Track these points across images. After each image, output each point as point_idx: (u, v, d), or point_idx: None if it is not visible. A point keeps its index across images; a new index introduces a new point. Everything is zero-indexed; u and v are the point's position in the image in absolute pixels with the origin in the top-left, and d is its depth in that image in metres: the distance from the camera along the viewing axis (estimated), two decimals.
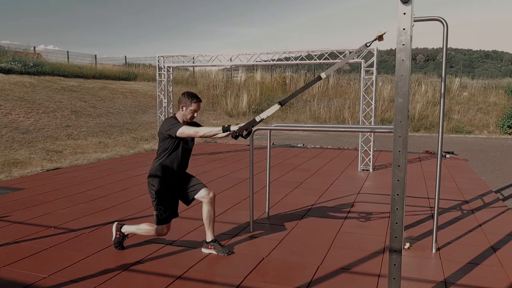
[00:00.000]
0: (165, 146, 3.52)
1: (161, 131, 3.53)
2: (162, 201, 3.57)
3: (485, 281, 3.22)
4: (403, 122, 2.24)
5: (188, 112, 3.54)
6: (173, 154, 3.54)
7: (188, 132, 3.42)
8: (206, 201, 3.65)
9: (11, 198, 5.65)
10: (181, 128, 3.41)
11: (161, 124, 3.59)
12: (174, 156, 3.54)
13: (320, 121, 19.24)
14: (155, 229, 3.62)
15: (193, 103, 3.52)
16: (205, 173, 7.53)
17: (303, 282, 3.18)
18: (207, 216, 3.70)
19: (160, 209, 3.57)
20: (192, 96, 3.54)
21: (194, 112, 3.55)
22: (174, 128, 3.43)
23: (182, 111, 3.55)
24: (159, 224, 3.60)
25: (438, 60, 59.06)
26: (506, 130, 16.92)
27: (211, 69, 23.62)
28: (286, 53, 9.06)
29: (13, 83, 13.97)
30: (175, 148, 3.52)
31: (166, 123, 3.52)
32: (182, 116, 3.56)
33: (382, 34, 2.63)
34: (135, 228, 3.74)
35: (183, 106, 3.54)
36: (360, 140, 8.37)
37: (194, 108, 3.53)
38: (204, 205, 3.68)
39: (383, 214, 5.07)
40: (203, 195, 3.64)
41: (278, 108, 3.20)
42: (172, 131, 3.43)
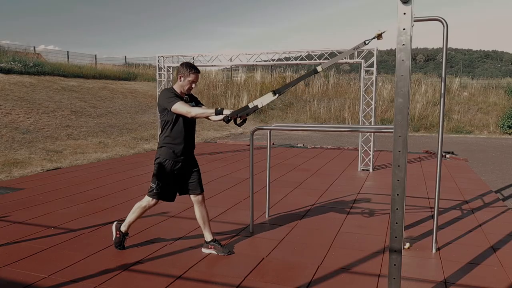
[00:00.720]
0: (166, 119, 3.52)
1: (159, 103, 3.54)
2: (161, 177, 3.57)
3: (485, 281, 3.22)
4: (403, 122, 2.23)
5: (186, 83, 3.51)
6: (176, 126, 3.53)
7: (180, 110, 3.40)
8: (195, 203, 3.70)
9: (11, 198, 5.65)
10: (175, 104, 3.39)
11: (159, 94, 3.58)
12: (177, 128, 3.53)
13: (320, 121, 19.24)
14: (146, 200, 3.64)
15: (192, 74, 3.49)
16: (205, 173, 7.52)
17: (303, 282, 3.18)
18: (200, 216, 3.73)
19: (157, 183, 3.58)
20: (191, 67, 3.52)
21: (192, 83, 3.52)
22: (170, 102, 3.42)
23: (180, 82, 3.53)
24: (151, 197, 3.61)
25: (438, 60, 59.06)
26: (506, 130, 16.92)
27: (211, 69, 23.63)
28: (286, 53, 9.06)
29: (13, 83, 13.97)
30: (176, 119, 3.51)
31: (163, 95, 3.50)
32: (179, 87, 3.54)
33: (381, 33, 2.64)
34: (128, 216, 3.75)
35: (181, 76, 3.51)
36: (360, 140, 8.36)
37: (192, 79, 3.51)
38: (195, 207, 3.72)
39: (383, 214, 5.07)
40: (192, 197, 3.69)
41: (273, 97, 3.19)
42: (168, 105, 3.43)
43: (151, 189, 3.62)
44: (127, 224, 3.77)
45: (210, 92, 21.70)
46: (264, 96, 3.21)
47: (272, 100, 3.24)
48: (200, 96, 21.09)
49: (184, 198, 3.97)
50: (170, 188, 3.64)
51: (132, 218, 3.75)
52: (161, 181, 3.58)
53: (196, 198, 3.69)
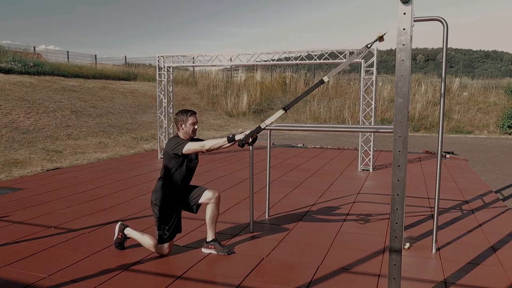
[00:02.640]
0: (170, 166, 3.53)
1: (166, 151, 3.54)
2: (165, 221, 3.58)
3: (485, 281, 3.22)
4: (403, 122, 2.23)
5: (188, 127, 3.56)
6: (177, 173, 3.56)
7: (194, 147, 3.44)
8: (212, 201, 3.67)
9: (11, 198, 5.65)
10: (187, 145, 3.43)
11: (166, 144, 3.60)
12: (178, 175, 3.57)
13: (320, 121, 19.24)
14: (157, 247, 3.62)
15: (190, 117, 3.56)
16: (205, 173, 7.53)
17: (303, 282, 3.18)
18: (211, 216, 3.71)
19: (163, 228, 3.58)
20: (186, 111, 3.60)
21: (193, 125, 3.57)
22: (180, 146, 3.44)
23: (182, 129, 3.57)
24: (161, 243, 3.61)
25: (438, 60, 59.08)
26: (506, 130, 16.92)
27: (211, 69, 23.62)
28: (286, 53, 9.05)
29: (13, 83, 13.97)
30: (179, 167, 3.55)
31: (171, 142, 3.52)
32: (184, 134, 3.58)
33: (382, 35, 2.63)
34: (138, 236, 3.72)
35: (182, 124, 3.56)
36: (360, 140, 8.37)
37: (192, 121, 3.56)
38: (209, 205, 3.69)
39: (383, 214, 5.07)
40: (209, 196, 3.66)
41: (282, 113, 3.20)
42: (178, 149, 3.44)
43: (160, 237, 3.59)
44: (131, 236, 3.77)
45: (210, 92, 21.69)
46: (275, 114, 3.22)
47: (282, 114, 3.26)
48: (200, 96, 21.16)
49: None
50: (177, 223, 3.66)
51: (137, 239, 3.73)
52: (166, 224, 3.58)
53: (213, 198, 3.66)
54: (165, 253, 3.65)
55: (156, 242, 3.62)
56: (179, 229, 3.72)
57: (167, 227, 3.58)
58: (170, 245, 3.64)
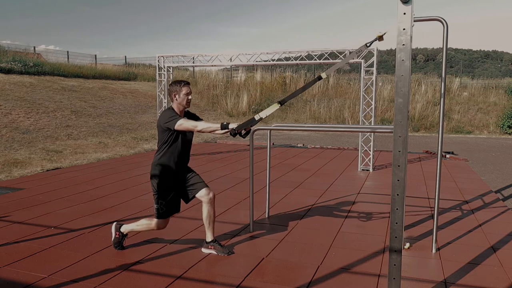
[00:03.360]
0: (165, 139, 3.52)
1: (159, 124, 3.53)
2: (163, 196, 3.57)
3: (485, 281, 3.22)
4: (403, 122, 2.23)
5: (182, 98, 3.52)
6: (173, 146, 3.54)
7: (186, 125, 3.41)
8: (206, 201, 3.65)
9: (11, 198, 5.65)
10: (179, 121, 3.41)
11: (159, 117, 3.58)
12: (174, 148, 3.54)
13: (320, 121, 19.24)
14: (155, 222, 3.63)
15: (183, 87, 3.53)
16: (205, 173, 7.53)
17: (303, 282, 3.18)
18: (207, 216, 3.70)
19: (161, 203, 3.57)
20: (180, 82, 3.56)
21: (187, 95, 3.53)
22: (173, 121, 3.42)
23: (176, 100, 3.54)
24: (158, 218, 3.61)
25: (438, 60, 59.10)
26: (506, 130, 16.92)
27: (211, 69, 23.62)
28: (286, 53, 9.05)
29: (13, 83, 13.97)
30: (174, 140, 3.52)
31: (164, 115, 3.50)
32: (178, 105, 3.55)
33: (382, 35, 2.63)
34: (134, 225, 3.74)
35: (175, 94, 3.53)
36: (360, 140, 8.37)
37: (186, 91, 3.53)
38: (204, 205, 3.67)
39: (383, 214, 5.07)
40: (203, 194, 3.64)
41: (277, 107, 3.20)
42: (171, 124, 3.43)
43: (157, 211, 3.60)
44: (128, 231, 3.77)
45: (210, 92, 21.69)
46: (269, 107, 3.22)
47: (276, 109, 3.25)
48: (200, 96, 21.16)
49: None
50: (174, 201, 3.65)
51: (135, 230, 3.75)
52: (164, 199, 3.58)
53: (208, 196, 3.65)
54: (161, 227, 3.65)
55: (153, 220, 3.63)
56: (177, 209, 3.71)
57: (165, 202, 3.57)
58: (166, 221, 3.65)
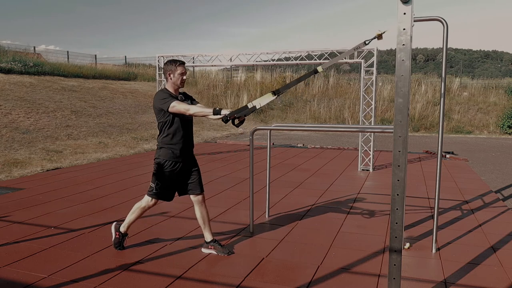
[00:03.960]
0: (163, 120, 3.52)
1: (154, 105, 3.54)
2: (160, 177, 3.58)
3: (485, 281, 3.22)
4: (403, 122, 2.23)
5: (177, 77, 3.52)
6: (174, 126, 3.53)
7: (178, 107, 3.41)
8: (195, 202, 3.70)
9: (11, 198, 5.65)
10: (173, 103, 3.41)
11: (154, 97, 3.58)
12: (175, 127, 3.54)
13: (320, 121, 19.23)
14: (144, 200, 3.66)
15: (178, 67, 3.52)
16: (205, 173, 7.53)
17: (303, 282, 3.18)
18: (200, 216, 3.73)
19: (156, 183, 3.59)
20: (175, 61, 3.56)
21: (182, 75, 3.53)
22: (166, 102, 3.42)
23: (171, 80, 3.53)
24: (149, 196, 3.63)
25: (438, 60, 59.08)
26: (506, 130, 16.92)
27: (211, 69, 23.62)
28: (286, 53, 9.05)
29: (13, 83, 13.97)
30: (173, 119, 3.52)
31: (158, 96, 3.51)
32: (172, 85, 3.55)
33: (381, 33, 2.63)
34: (128, 216, 3.76)
35: (170, 74, 3.52)
36: (360, 140, 8.37)
37: (181, 71, 3.52)
38: (195, 206, 3.73)
39: (383, 214, 5.07)
40: (192, 197, 3.70)
41: (272, 98, 3.18)
42: (164, 106, 3.43)
43: (150, 188, 3.63)
44: (127, 225, 3.78)
45: (210, 92, 21.69)
46: (263, 96, 3.20)
47: (271, 100, 3.23)
48: (200, 96, 21.15)
49: (184, 198, 3.97)
50: (169, 188, 3.65)
51: (132, 219, 3.75)
52: (160, 181, 3.59)
53: (196, 198, 3.70)
54: (150, 205, 3.67)
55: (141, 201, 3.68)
56: (170, 197, 3.71)
57: (160, 184, 3.59)
58: (155, 201, 3.66)
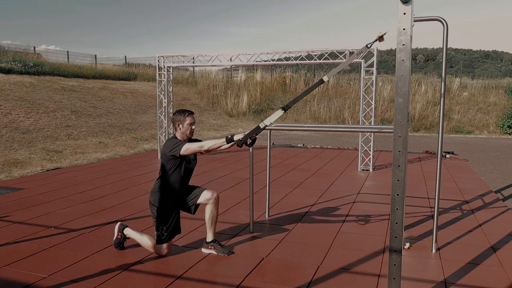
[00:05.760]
0: (168, 167, 3.53)
1: (164, 153, 3.53)
2: (163, 221, 3.57)
3: (485, 281, 3.22)
4: (403, 122, 2.23)
5: (186, 128, 3.53)
6: (175, 174, 3.55)
7: (192, 148, 3.42)
8: (211, 202, 3.66)
9: (11, 198, 5.65)
10: (185, 146, 3.42)
11: (163, 145, 3.59)
12: (176, 176, 3.56)
13: (320, 121, 19.24)
14: (156, 248, 3.62)
15: (187, 117, 3.53)
16: (205, 173, 7.53)
17: (303, 282, 3.18)
18: (210, 216, 3.70)
19: (161, 229, 3.57)
20: (184, 111, 3.57)
21: (191, 125, 3.54)
22: (178, 147, 3.42)
23: (180, 130, 3.54)
24: (159, 243, 3.61)
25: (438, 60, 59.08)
26: (506, 130, 16.92)
27: (211, 69, 23.62)
28: (286, 53, 9.05)
29: (13, 83, 13.97)
30: (177, 168, 3.53)
31: (168, 144, 3.51)
32: (181, 134, 3.56)
33: (382, 35, 2.63)
34: (137, 236, 3.72)
35: (179, 124, 3.53)
36: (360, 140, 8.37)
37: (190, 121, 3.53)
38: (208, 205, 3.68)
39: (383, 214, 5.07)
40: (207, 197, 3.65)
41: (281, 114, 3.19)
42: (176, 151, 3.43)
43: (158, 237, 3.59)
44: (131, 237, 3.77)
45: (210, 92, 21.70)
46: (273, 114, 3.20)
47: (281, 115, 3.25)
48: (200, 96, 21.15)
49: None
50: (175, 223, 3.65)
51: (136, 240, 3.73)
52: (164, 224, 3.58)
53: (212, 197, 3.64)
54: (164, 254, 3.64)
55: (155, 242, 3.62)
56: (178, 230, 3.72)
57: (165, 227, 3.58)
58: (168, 246, 3.64)
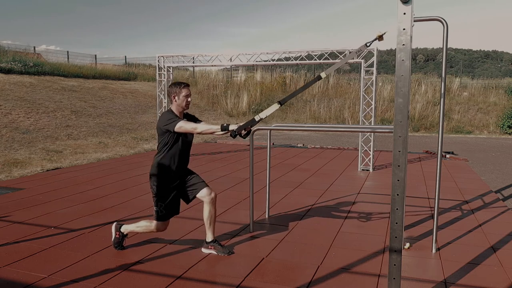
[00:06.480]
0: (165, 141, 3.51)
1: (159, 126, 3.52)
2: (162, 198, 3.56)
3: (485, 281, 3.22)
4: (403, 122, 2.23)
5: (181, 100, 3.52)
6: (174, 148, 3.53)
7: (186, 127, 3.41)
8: (207, 201, 3.64)
9: (11, 198, 5.65)
10: (179, 123, 3.40)
11: (159, 119, 3.58)
12: (175, 149, 3.53)
13: (320, 121, 19.23)
14: (154, 225, 3.63)
15: (183, 89, 3.52)
16: (205, 173, 7.53)
17: (303, 282, 3.18)
18: (208, 216, 3.69)
19: (160, 205, 3.57)
20: (179, 83, 3.55)
21: (187, 97, 3.53)
22: (172, 123, 3.42)
23: (175, 102, 3.53)
24: (158, 220, 3.60)
25: (438, 60, 59.08)
26: (506, 130, 16.91)
27: (211, 69, 23.62)
28: (286, 53, 9.06)
29: (13, 83, 13.97)
30: (175, 142, 3.51)
31: (164, 117, 3.50)
32: (177, 106, 3.54)
33: (382, 34, 2.63)
34: (134, 226, 3.74)
35: (175, 96, 3.52)
36: (360, 140, 8.37)
37: (185, 93, 3.52)
38: (205, 205, 3.67)
39: (383, 214, 5.07)
40: (204, 194, 3.64)
41: (277, 107, 3.20)
42: (170, 126, 3.42)
43: (156, 213, 3.60)
44: (128, 231, 3.77)
45: (210, 92, 21.69)
46: (269, 107, 3.21)
47: (277, 109, 3.25)
48: (200, 96, 21.15)
49: None
50: (174, 203, 3.64)
51: (135, 231, 3.74)
52: (163, 201, 3.57)
53: (209, 196, 3.64)
54: (161, 230, 3.64)
55: (153, 222, 3.63)
56: (177, 211, 3.70)
57: (164, 204, 3.57)
58: (166, 223, 3.64)
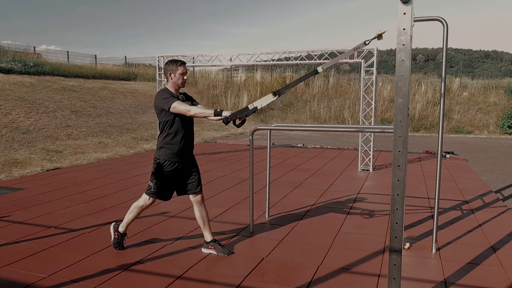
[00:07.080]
0: (164, 119, 3.52)
1: (155, 105, 3.54)
2: (159, 176, 3.58)
3: (485, 281, 3.22)
4: (403, 122, 2.24)
5: (177, 77, 3.52)
6: (175, 126, 3.53)
7: (179, 108, 3.41)
8: (194, 202, 3.70)
9: (11, 198, 5.65)
10: (174, 103, 3.41)
11: (155, 97, 3.58)
12: (177, 126, 3.53)
13: (320, 121, 19.23)
14: (142, 199, 3.66)
15: (179, 66, 3.52)
16: (205, 173, 7.53)
17: (303, 282, 3.18)
18: (199, 217, 3.73)
19: (155, 182, 3.59)
20: (176, 61, 3.55)
21: (183, 75, 3.53)
22: (168, 102, 3.42)
23: (171, 79, 3.53)
24: (147, 194, 3.63)
25: (438, 60, 59.08)
26: (506, 130, 16.91)
27: (211, 69, 23.62)
28: (286, 53, 9.05)
29: (13, 83, 13.97)
30: (174, 119, 3.51)
31: (159, 96, 3.51)
32: (173, 84, 3.54)
33: (381, 33, 2.64)
34: (126, 215, 3.76)
35: (171, 73, 3.51)
36: (360, 140, 8.37)
37: (181, 71, 3.52)
38: (194, 207, 3.73)
39: (383, 214, 5.07)
40: (191, 197, 3.70)
41: (272, 98, 3.19)
42: (166, 105, 3.43)
43: (149, 187, 3.63)
44: (125, 225, 3.77)
45: (210, 92, 21.69)
46: (264, 97, 3.21)
47: (272, 101, 3.23)
48: (200, 96, 21.15)
49: (184, 198, 3.98)
50: (167, 188, 3.65)
51: (130, 218, 3.75)
52: (159, 180, 3.59)
53: (195, 198, 3.70)
54: (148, 204, 3.66)
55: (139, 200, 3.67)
56: (168, 196, 3.70)
57: (159, 183, 3.58)
58: (153, 201, 3.67)
